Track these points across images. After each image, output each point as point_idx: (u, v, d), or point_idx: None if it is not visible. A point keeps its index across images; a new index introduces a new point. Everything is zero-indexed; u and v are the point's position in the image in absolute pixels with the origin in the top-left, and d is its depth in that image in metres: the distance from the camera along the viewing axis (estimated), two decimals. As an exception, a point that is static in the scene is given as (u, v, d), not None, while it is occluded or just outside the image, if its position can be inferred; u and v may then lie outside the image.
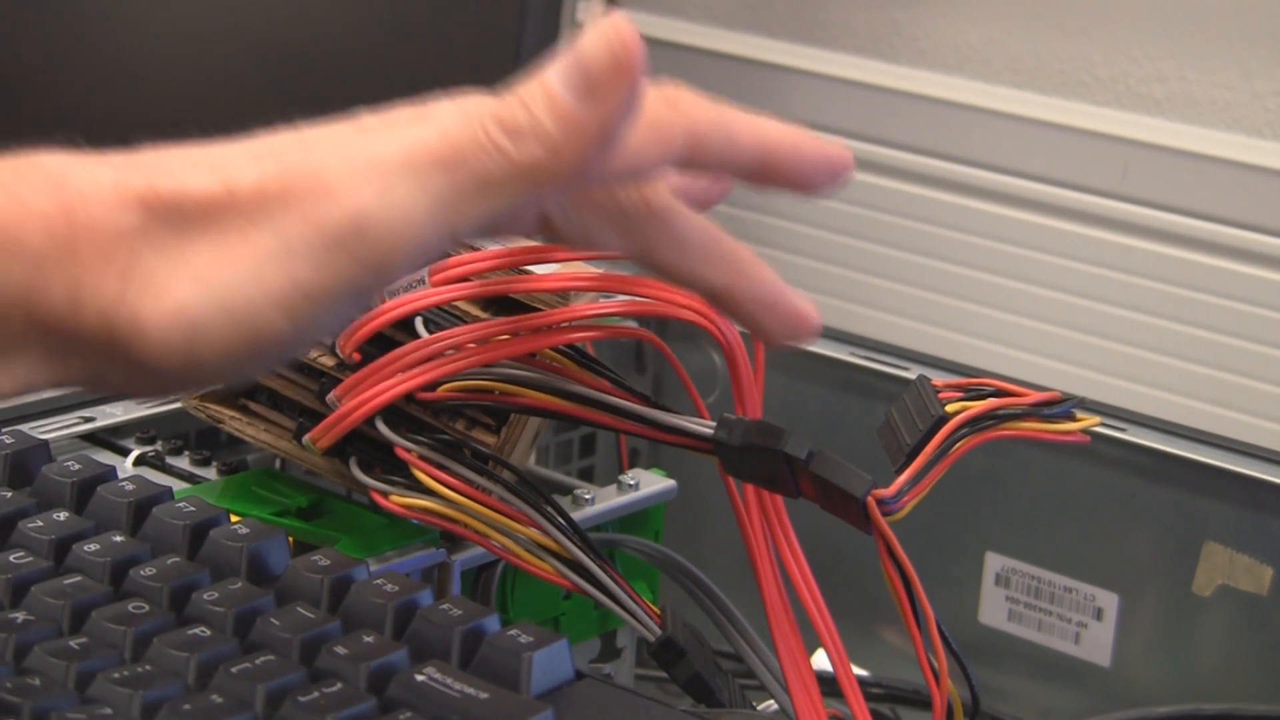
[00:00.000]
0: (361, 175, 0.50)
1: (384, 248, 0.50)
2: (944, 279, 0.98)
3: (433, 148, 0.50)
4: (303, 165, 0.50)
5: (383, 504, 0.65)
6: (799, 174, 0.57)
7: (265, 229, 0.50)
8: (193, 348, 0.50)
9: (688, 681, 0.65)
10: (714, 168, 0.56)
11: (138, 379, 0.51)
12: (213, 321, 0.49)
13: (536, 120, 0.50)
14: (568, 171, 0.51)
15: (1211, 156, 0.91)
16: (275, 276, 0.49)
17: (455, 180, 0.50)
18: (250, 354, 0.50)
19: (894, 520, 0.60)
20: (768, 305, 0.57)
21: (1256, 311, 0.89)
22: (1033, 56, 0.98)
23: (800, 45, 1.05)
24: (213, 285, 0.50)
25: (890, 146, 1.00)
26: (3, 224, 0.49)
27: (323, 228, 0.50)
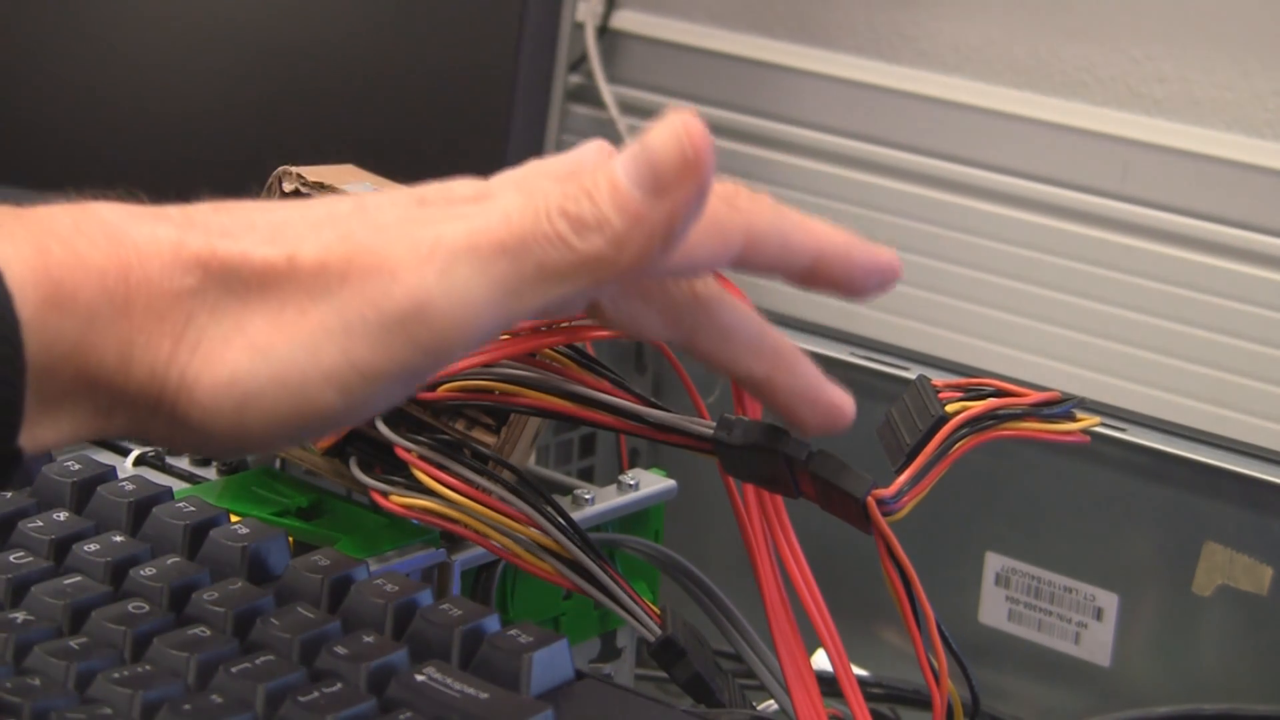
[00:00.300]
0: (425, 258, 0.50)
1: (443, 332, 0.50)
2: (944, 279, 0.98)
3: (497, 235, 0.50)
4: (366, 242, 0.50)
5: (383, 504, 0.65)
6: (848, 279, 0.57)
7: (324, 304, 0.50)
8: (242, 416, 0.50)
9: (688, 681, 0.65)
10: (765, 269, 0.56)
11: (183, 438, 0.51)
12: (265, 392, 0.49)
13: (603, 215, 0.50)
14: (630, 266, 0.51)
15: (1211, 156, 0.91)
16: (332, 353, 0.49)
17: (518, 269, 0.50)
18: (299, 427, 0.50)
19: (894, 520, 0.60)
20: (806, 398, 0.58)
21: (1256, 311, 0.89)
22: (1033, 56, 0.98)
23: (800, 45, 1.05)
24: (268, 356, 0.50)
25: (890, 146, 1.00)
26: (59, 278, 0.49)
27: (383, 308, 0.49)
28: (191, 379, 0.50)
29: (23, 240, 0.49)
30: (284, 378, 0.50)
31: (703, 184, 0.51)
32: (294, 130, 1.00)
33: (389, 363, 0.50)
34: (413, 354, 0.50)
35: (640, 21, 1.09)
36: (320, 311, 0.50)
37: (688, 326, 0.57)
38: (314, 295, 0.50)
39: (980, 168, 0.97)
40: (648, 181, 0.50)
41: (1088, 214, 0.94)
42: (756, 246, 0.55)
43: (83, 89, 1.01)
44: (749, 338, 0.57)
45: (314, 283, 0.50)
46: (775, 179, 1.03)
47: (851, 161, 1.01)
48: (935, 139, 0.99)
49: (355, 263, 0.50)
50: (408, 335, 0.50)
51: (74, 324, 0.49)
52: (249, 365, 0.50)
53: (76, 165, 1.01)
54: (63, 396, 0.49)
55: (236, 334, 0.50)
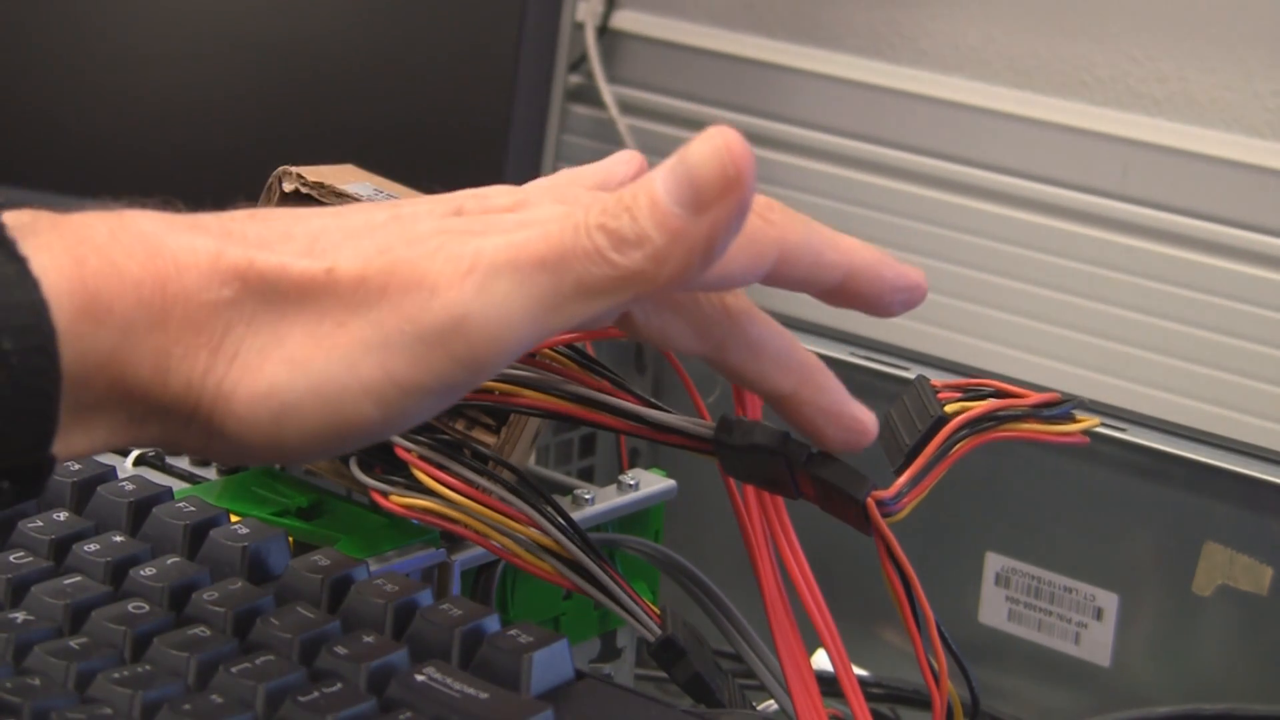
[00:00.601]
0: (464, 273, 0.50)
1: (482, 347, 0.50)
2: (944, 279, 0.98)
3: (536, 250, 0.50)
4: (405, 255, 0.50)
5: (383, 504, 0.65)
6: (877, 297, 0.57)
7: (363, 318, 0.50)
8: (279, 428, 0.50)
9: (688, 681, 0.65)
10: (796, 284, 0.56)
11: (218, 448, 0.51)
12: (303, 405, 0.49)
13: (643, 231, 0.50)
14: (669, 282, 0.51)
15: (1211, 156, 0.91)
16: (370, 367, 0.50)
17: (557, 284, 0.50)
18: (336, 439, 0.50)
19: (894, 522, 0.60)
20: (831, 415, 0.58)
21: (1256, 311, 0.89)
22: (1033, 56, 0.98)
23: (800, 45, 1.05)
24: (306, 370, 0.50)
25: (890, 146, 1.00)
26: (95, 289, 0.49)
27: (422, 323, 0.49)
28: (229, 390, 0.50)
29: (60, 250, 0.49)
30: (322, 390, 0.50)
31: (744, 201, 0.50)
32: (294, 129, 1.00)
33: (427, 377, 0.50)
34: (451, 368, 0.50)
35: (640, 21, 1.09)
36: (358, 325, 0.50)
37: (717, 339, 0.57)
38: (352, 308, 0.50)
39: (980, 168, 0.97)
40: (688, 198, 0.50)
41: (1088, 214, 0.94)
42: (790, 261, 0.55)
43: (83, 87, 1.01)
44: (777, 353, 0.57)
45: (352, 296, 0.50)
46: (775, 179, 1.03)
47: (851, 161, 1.01)
48: (935, 139, 0.98)
49: (394, 276, 0.50)
50: (446, 350, 0.50)
51: (110, 335, 0.49)
52: (287, 378, 0.50)
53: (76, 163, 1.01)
54: (97, 406, 0.49)
55: (274, 346, 0.50)
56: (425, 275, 0.50)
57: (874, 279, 0.57)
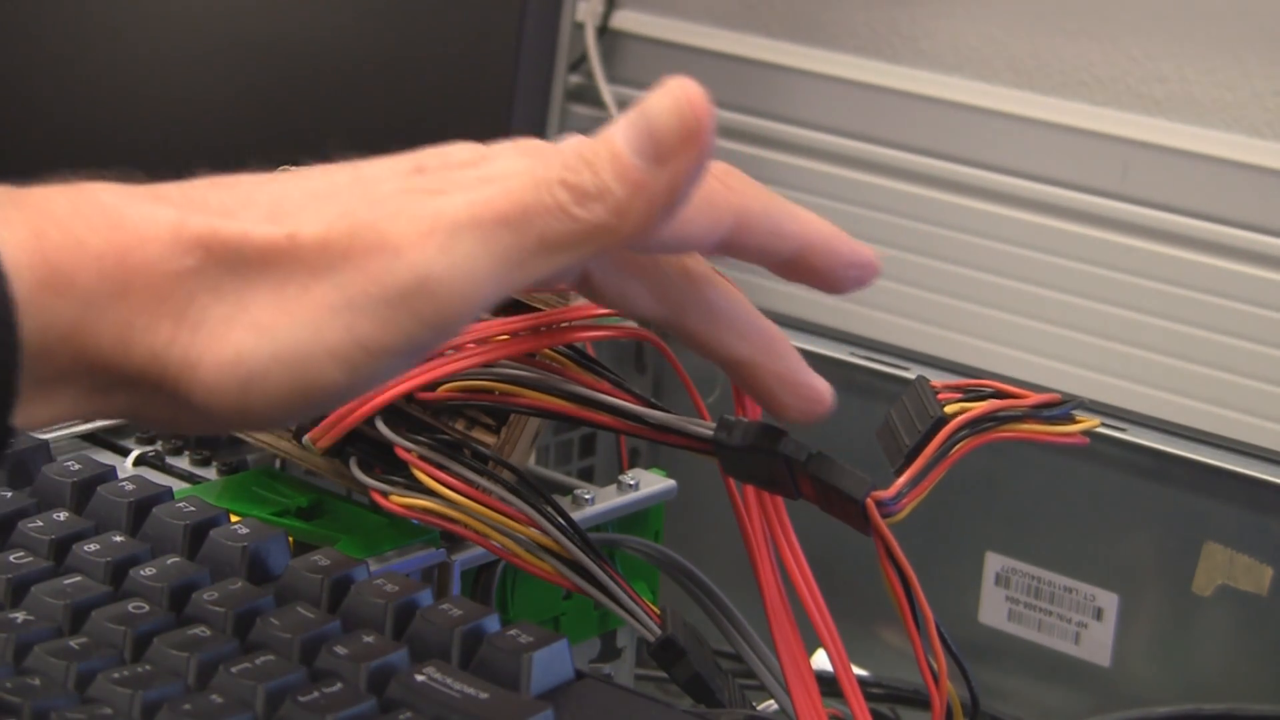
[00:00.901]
0: (427, 234, 0.50)
1: (447, 306, 0.50)
2: (944, 279, 0.98)
3: (498, 208, 0.50)
4: (367, 217, 0.50)
5: (383, 504, 0.65)
6: (829, 271, 0.57)
7: (327, 282, 0.50)
8: (246, 395, 0.50)
9: (688, 681, 0.65)
10: (750, 253, 0.56)
11: (185, 418, 0.51)
12: (269, 371, 0.49)
13: (604, 185, 0.50)
14: (631, 234, 0.51)
15: (1211, 156, 0.91)
16: (336, 331, 0.49)
17: (520, 240, 0.50)
18: (303, 403, 0.50)
19: (893, 522, 0.60)
20: (788, 383, 0.58)
21: (1256, 311, 0.89)
22: (1033, 56, 0.98)
23: (800, 45, 1.05)
24: (271, 335, 0.50)
25: (890, 146, 1.00)
26: (56, 262, 0.48)
27: (387, 285, 0.49)
28: (194, 359, 0.49)
29: (19, 224, 0.49)
30: (288, 356, 0.49)
31: (704, 150, 0.51)
32: (294, 129, 1.00)
33: (393, 338, 0.50)
34: (416, 328, 0.50)
35: (640, 21, 1.09)
36: (323, 289, 0.50)
37: (676, 303, 0.57)
38: (316, 273, 0.50)
39: (980, 168, 0.97)
40: (648, 149, 0.50)
41: (1088, 214, 0.94)
42: (746, 227, 0.55)
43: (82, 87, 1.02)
44: (736, 319, 0.57)
45: (316, 260, 0.50)
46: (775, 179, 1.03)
47: (851, 161, 1.01)
48: (935, 139, 0.98)
49: (357, 239, 0.50)
50: (411, 310, 0.50)
51: (71, 307, 0.49)
52: (253, 344, 0.49)
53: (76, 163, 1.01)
54: (60, 377, 0.49)
55: (239, 313, 0.50)
56: (388, 237, 0.50)
57: (829, 253, 0.57)
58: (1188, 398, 0.91)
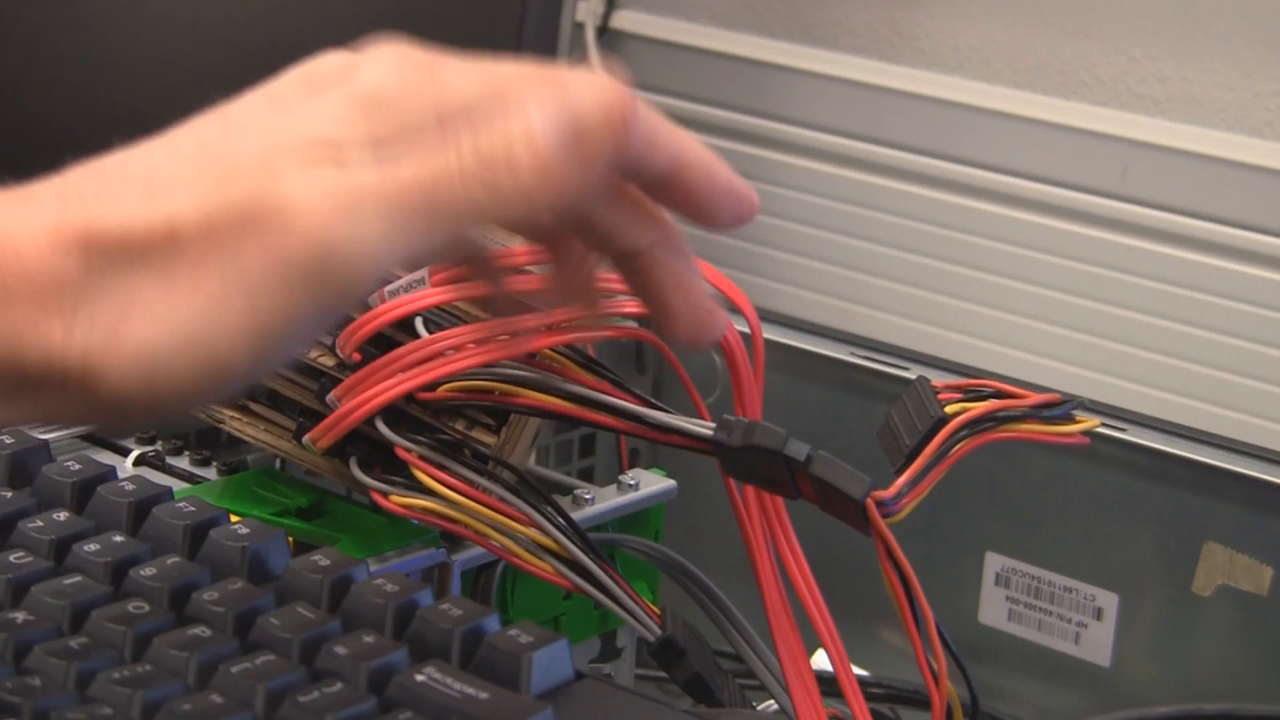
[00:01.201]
0: (322, 204, 0.48)
1: (349, 277, 0.48)
2: (944, 279, 0.98)
3: (402, 184, 0.49)
4: (251, 186, 0.48)
5: (383, 504, 0.65)
6: (706, 195, 0.55)
7: (220, 265, 0.48)
8: (153, 387, 0.48)
9: (688, 681, 0.65)
10: (628, 166, 0.53)
11: (95, 416, 0.50)
12: (172, 363, 0.48)
13: (517, 173, 0.49)
14: (541, 207, 0.50)
15: (1211, 156, 0.91)
16: (235, 314, 0.48)
17: (430, 207, 0.49)
18: (212, 387, 0.49)
19: (893, 522, 0.60)
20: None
21: (1256, 311, 0.89)
22: (1033, 56, 0.98)
23: (800, 45, 1.05)
24: (170, 325, 0.48)
25: (890, 146, 1.00)
26: None
27: (285, 260, 0.48)
28: (96, 361, 0.48)
29: None
30: (190, 346, 0.48)
31: (624, 141, 0.50)
32: (294, 130, 1.00)
33: (295, 314, 0.48)
34: (319, 301, 0.48)
35: (640, 21, 1.09)
36: (217, 273, 0.48)
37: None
38: (206, 256, 0.48)
39: (980, 168, 0.97)
40: (572, 150, 0.50)
41: (1088, 214, 0.94)
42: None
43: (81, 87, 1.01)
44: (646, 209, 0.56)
45: (204, 243, 0.48)
46: (775, 179, 1.03)
47: (851, 161, 1.01)
48: (935, 139, 0.98)
49: (244, 213, 0.48)
50: (313, 284, 0.48)
51: None
52: (152, 337, 0.48)
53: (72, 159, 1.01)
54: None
55: (133, 306, 0.48)
56: (282, 206, 0.48)
57: (706, 174, 0.55)
58: (1188, 398, 0.91)
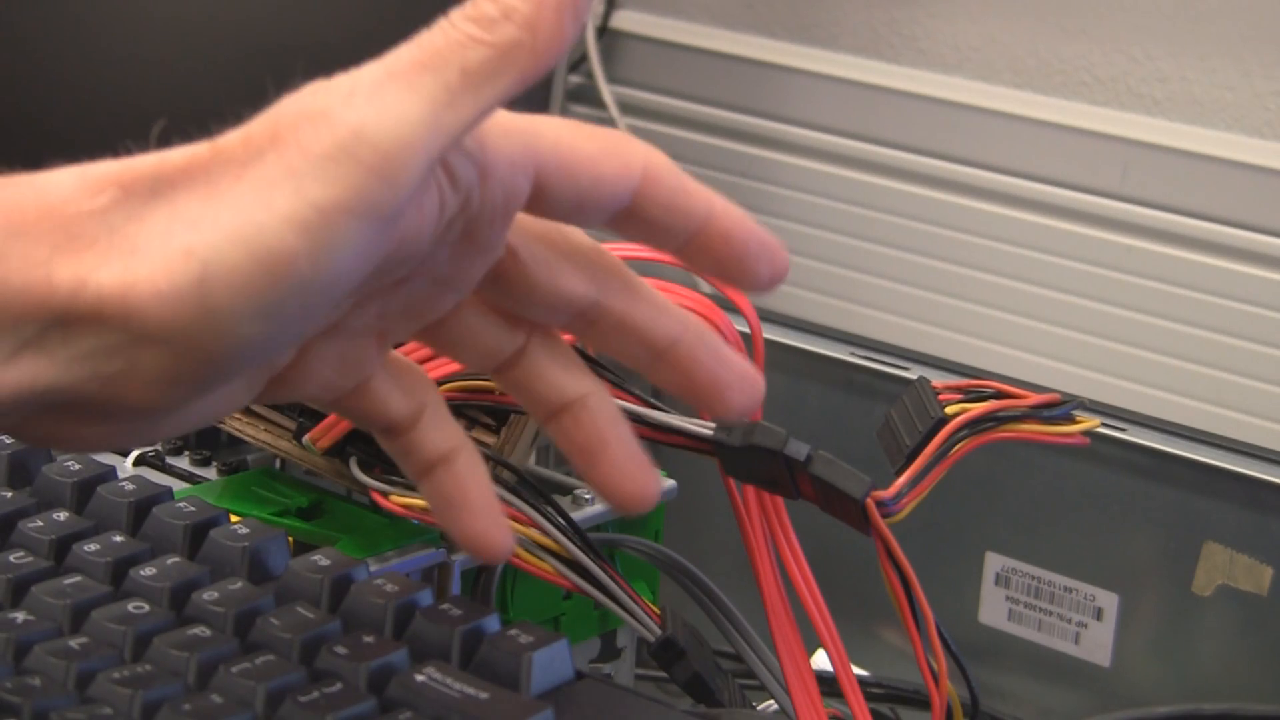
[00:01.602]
0: (349, 95, 0.48)
1: (390, 148, 0.48)
2: (944, 279, 0.98)
3: (410, 56, 0.49)
4: (288, 108, 0.49)
5: (383, 504, 0.65)
6: (740, 249, 0.54)
7: (262, 163, 0.48)
8: (206, 291, 0.46)
9: (688, 681, 0.65)
10: (657, 219, 0.53)
11: (146, 354, 0.47)
12: (224, 255, 0.46)
13: (508, 5, 0.50)
14: (548, 51, 0.50)
15: (1211, 156, 0.91)
16: (284, 198, 0.47)
17: (443, 79, 0.49)
18: (273, 290, 0.47)
19: (893, 522, 0.60)
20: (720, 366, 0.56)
21: (1256, 311, 0.89)
22: (1033, 56, 0.98)
23: (799, 45, 1.05)
24: (217, 221, 0.47)
25: (890, 146, 1.00)
26: None
27: (324, 144, 0.48)
28: (139, 272, 0.46)
29: None
30: (240, 233, 0.47)
31: None
32: (294, 130, 1.00)
33: (343, 192, 0.47)
34: (365, 179, 0.47)
35: (640, 21, 1.09)
36: (258, 170, 0.48)
37: (603, 282, 0.55)
38: (247, 163, 0.48)
39: (980, 168, 0.97)
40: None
41: (1088, 214, 0.94)
42: (655, 182, 0.53)
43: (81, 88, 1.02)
44: (657, 298, 0.56)
45: (244, 154, 0.48)
46: (775, 179, 1.03)
47: (851, 161, 1.01)
48: (935, 139, 0.99)
49: (278, 123, 0.48)
50: (355, 161, 0.47)
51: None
52: (200, 234, 0.47)
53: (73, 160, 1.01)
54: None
55: (174, 222, 0.47)
56: (309, 109, 0.48)
57: (739, 226, 0.54)
58: (1188, 398, 0.91)
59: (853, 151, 1.01)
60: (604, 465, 0.55)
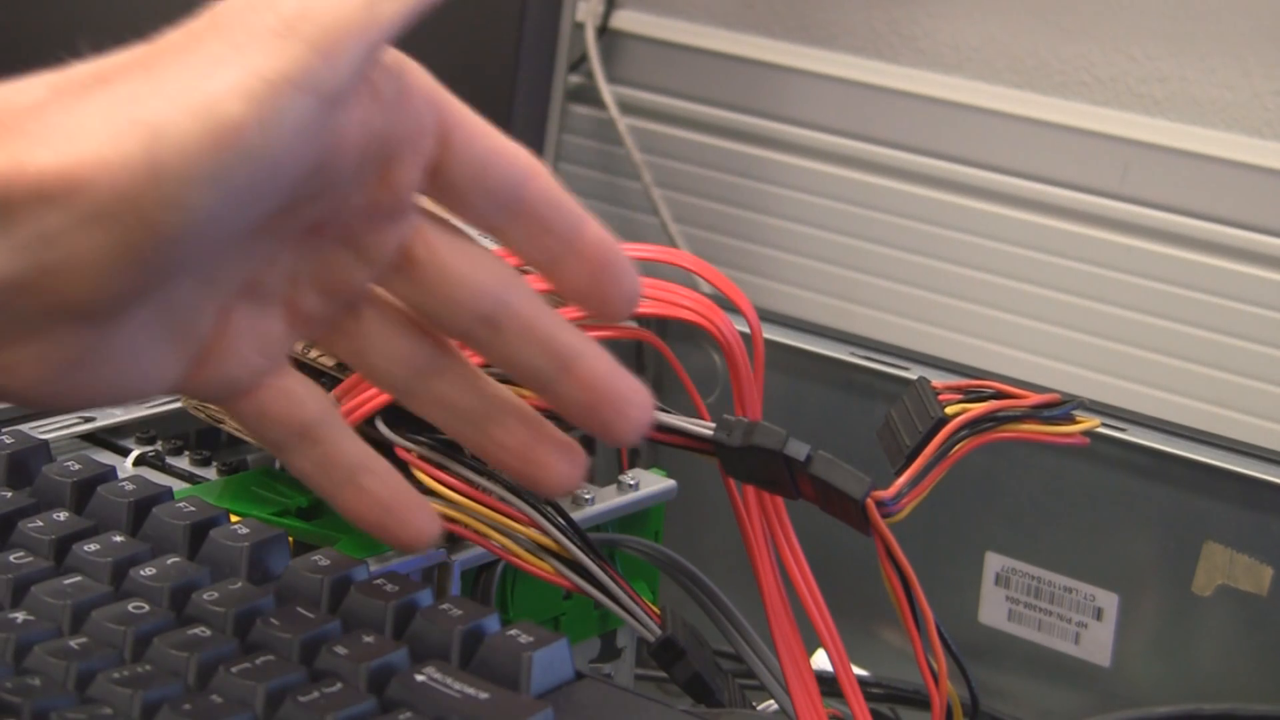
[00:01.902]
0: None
1: (331, 29, 0.48)
2: (944, 279, 0.98)
3: None
4: (229, 2, 0.49)
5: (383, 504, 0.65)
6: (613, 270, 0.54)
7: (205, 44, 0.48)
8: (155, 157, 0.46)
9: (688, 681, 0.65)
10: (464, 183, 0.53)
11: (88, 241, 0.46)
12: (173, 122, 0.46)
13: None
14: None
15: (1211, 156, 0.91)
16: (232, 70, 0.47)
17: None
18: (222, 158, 0.47)
19: (893, 522, 0.60)
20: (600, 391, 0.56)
21: (1256, 311, 0.89)
22: (1033, 56, 0.98)
23: (799, 45, 1.05)
24: (164, 93, 0.47)
25: (890, 146, 1.00)
26: None
27: (270, 23, 0.48)
28: (84, 147, 0.46)
29: None
30: (189, 102, 0.46)
31: None
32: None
33: (288, 65, 0.48)
34: (309, 55, 0.48)
35: (640, 21, 1.10)
36: (202, 49, 0.48)
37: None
38: (189, 48, 0.48)
39: (980, 168, 0.97)
40: None
41: (1088, 214, 0.94)
42: (540, 176, 0.53)
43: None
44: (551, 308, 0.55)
45: (185, 40, 0.48)
46: (775, 179, 1.03)
47: (851, 161, 1.01)
48: (935, 139, 0.99)
49: (222, 13, 0.49)
50: (299, 37, 0.48)
51: None
52: (146, 107, 0.46)
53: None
54: None
55: (116, 103, 0.47)
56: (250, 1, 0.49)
57: (611, 245, 0.54)
58: (1188, 398, 0.91)
59: (853, 151, 1.01)
60: (538, 458, 0.56)
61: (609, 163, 1.14)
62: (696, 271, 0.67)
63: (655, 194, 1.11)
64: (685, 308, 0.63)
